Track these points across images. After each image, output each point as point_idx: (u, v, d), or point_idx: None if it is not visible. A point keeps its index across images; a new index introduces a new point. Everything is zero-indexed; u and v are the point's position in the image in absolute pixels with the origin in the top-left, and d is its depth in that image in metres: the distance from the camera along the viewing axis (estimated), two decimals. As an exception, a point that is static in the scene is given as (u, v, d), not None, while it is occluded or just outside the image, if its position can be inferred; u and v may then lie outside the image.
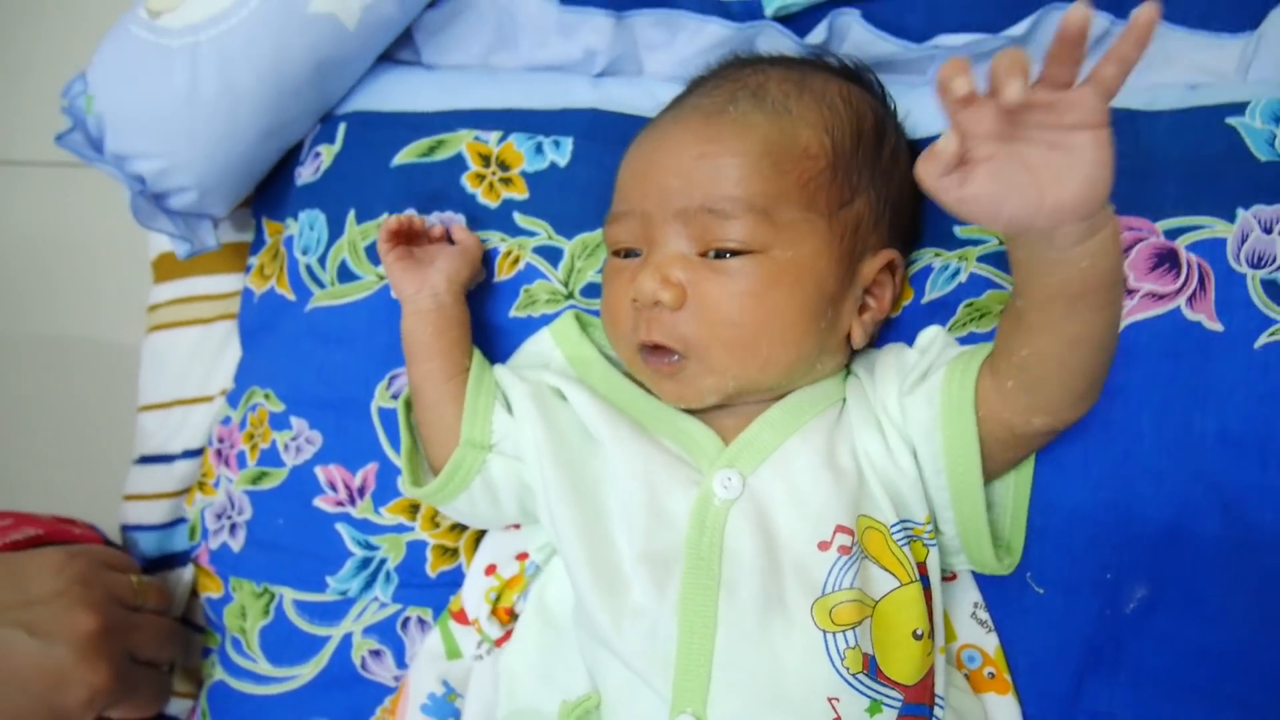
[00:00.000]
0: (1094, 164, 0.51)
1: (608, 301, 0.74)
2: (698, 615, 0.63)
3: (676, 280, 0.67)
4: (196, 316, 0.99)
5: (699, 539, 0.65)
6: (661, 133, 0.72)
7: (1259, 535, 0.66)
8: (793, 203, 0.68)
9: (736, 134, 0.69)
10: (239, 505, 0.88)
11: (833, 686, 0.61)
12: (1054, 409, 0.63)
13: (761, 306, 0.67)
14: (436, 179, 0.87)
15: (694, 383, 0.69)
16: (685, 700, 0.62)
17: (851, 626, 0.62)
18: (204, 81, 0.83)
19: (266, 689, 0.84)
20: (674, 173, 0.69)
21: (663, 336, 0.68)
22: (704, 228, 0.67)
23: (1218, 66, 0.80)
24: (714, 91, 0.73)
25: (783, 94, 0.71)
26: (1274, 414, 0.67)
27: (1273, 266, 0.69)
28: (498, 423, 0.75)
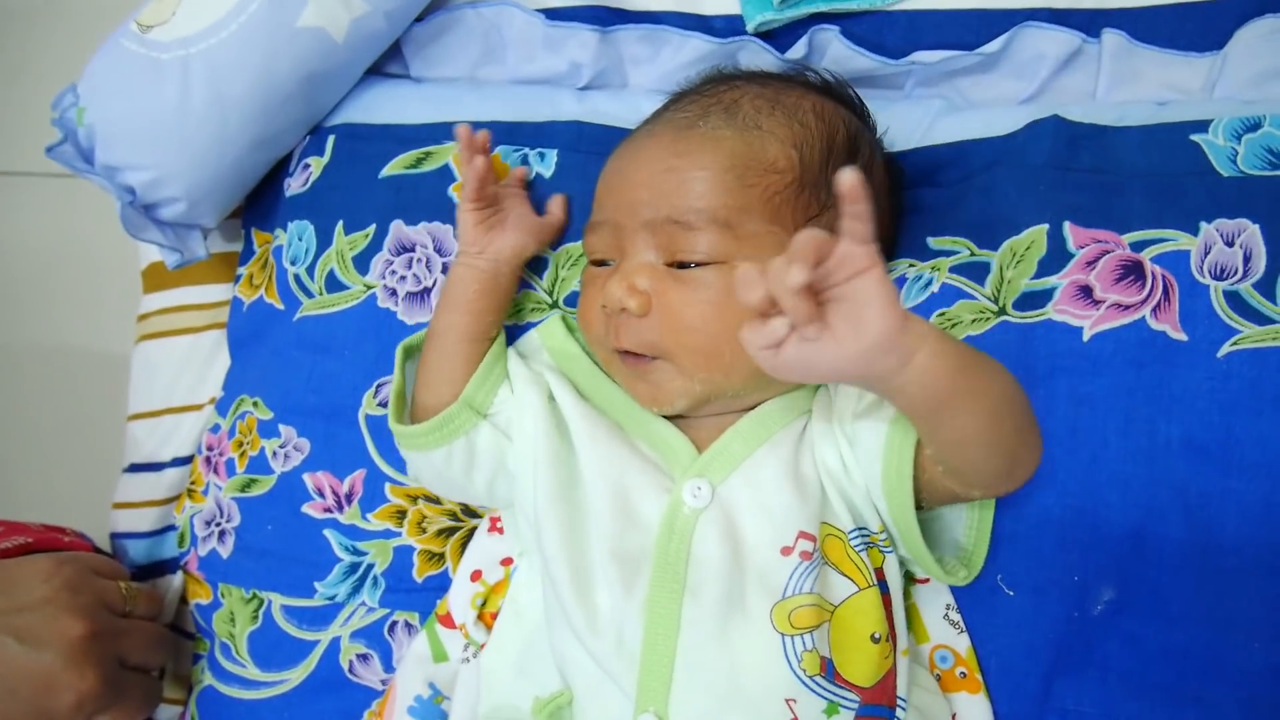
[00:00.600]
0: (876, 302, 0.52)
1: (582, 307, 0.76)
2: (662, 617, 0.65)
3: (642, 289, 0.69)
4: (186, 326, 1.00)
5: (667, 544, 0.67)
6: (635, 146, 0.74)
7: (1221, 539, 0.68)
8: (756, 215, 0.69)
9: (704, 148, 0.70)
10: (228, 512, 0.89)
11: (790, 688, 0.63)
12: (986, 485, 0.64)
13: (722, 315, 0.68)
14: (424, 190, 0.88)
15: (664, 385, 0.71)
16: (649, 699, 0.64)
17: (809, 630, 0.64)
18: (194, 94, 0.84)
19: (255, 693, 0.85)
20: (643, 185, 0.71)
21: (630, 342, 0.71)
22: (670, 238, 0.69)
23: (1185, 84, 0.83)
24: (689, 106, 0.75)
25: (754, 109, 0.73)
26: (1236, 421, 0.69)
27: (1235, 278, 0.70)
28: (500, 398, 0.77)
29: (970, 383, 0.57)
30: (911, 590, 0.74)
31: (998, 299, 0.75)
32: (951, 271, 0.77)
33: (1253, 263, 0.70)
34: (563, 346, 0.80)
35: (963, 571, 0.71)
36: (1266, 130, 0.73)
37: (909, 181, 0.82)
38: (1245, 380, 0.69)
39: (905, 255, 0.81)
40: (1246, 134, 0.74)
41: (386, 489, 0.84)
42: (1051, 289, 0.73)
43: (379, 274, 0.87)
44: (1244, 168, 0.73)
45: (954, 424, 0.59)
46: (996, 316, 0.74)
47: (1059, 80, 0.85)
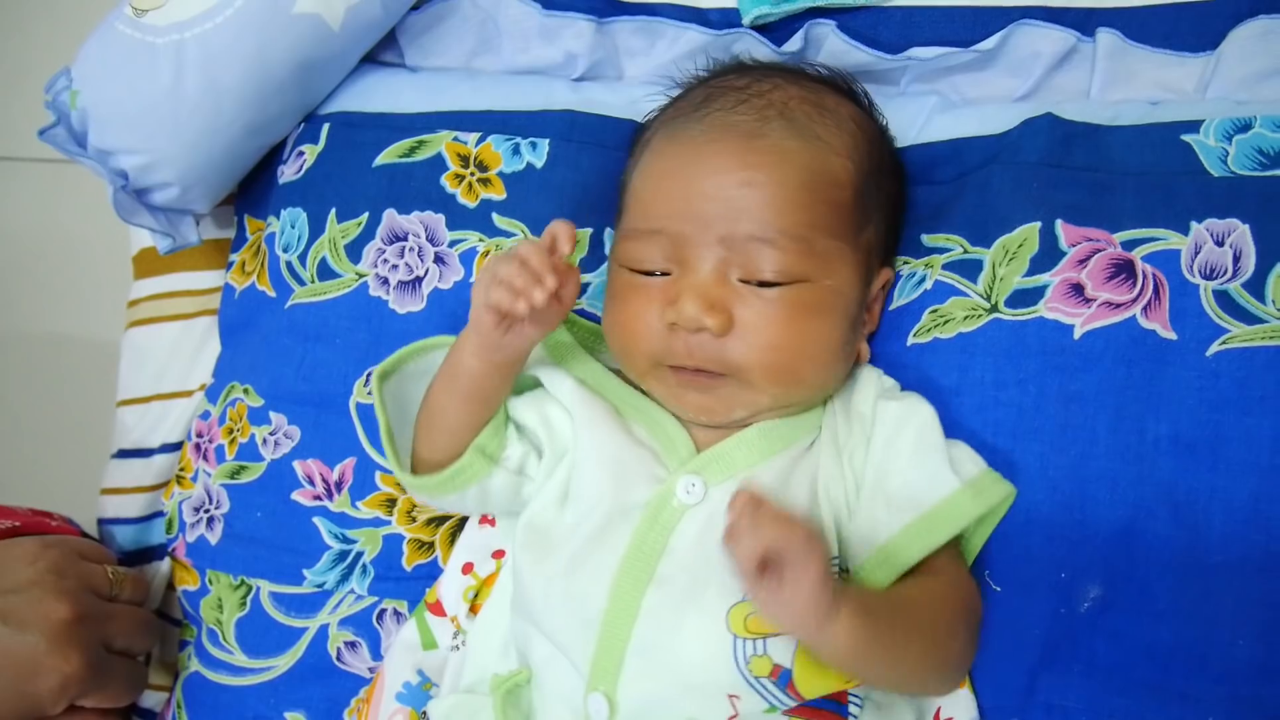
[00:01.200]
0: (799, 601, 0.57)
1: (623, 317, 0.72)
2: (624, 603, 0.66)
3: (722, 306, 0.68)
4: (177, 312, 1.00)
5: (647, 533, 0.68)
6: (694, 151, 0.71)
7: (1208, 536, 0.68)
8: (825, 231, 0.70)
9: (777, 162, 0.69)
10: (217, 499, 0.89)
11: (733, 685, 0.64)
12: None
13: (804, 333, 0.69)
14: (417, 179, 0.88)
15: (728, 400, 0.70)
16: (599, 680, 0.66)
17: (764, 636, 0.64)
18: (188, 78, 0.84)
19: (242, 680, 0.85)
20: (716, 198, 0.69)
21: (706, 362, 0.69)
22: (749, 255, 0.68)
23: (1178, 84, 0.83)
24: (740, 107, 0.72)
25: (807, 117, 0.72)
26: (1224, 419, 0.69)
27: (1224, 278, 0.71)
28: (511, 438, 0.76)
29: (886, 653, 0.61)
30: None
31: (990, 296, 0.75)
32: (944, 269, 0.77)
33: (1242, 262, 0.70)
34: (557, 339, 0.80)
35: None
36: (1257, 131, 0.74)
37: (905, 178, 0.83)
38: (1234, 379, 0.69)
39: (900, 253, 0.81)
40: (1237, 135, 0.74)
41: (376, 477, 0.85)
42: (1043, 286, 0.74)
43: (371, 263, 0.87)
44: (1234, 168, 0.73)
45: (867, 676, 0.65)
46: (989, 314, 0.75)
47: (1054, 78, 0.85)
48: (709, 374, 0.70)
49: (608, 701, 0.65)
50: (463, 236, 0.86)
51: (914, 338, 0.77)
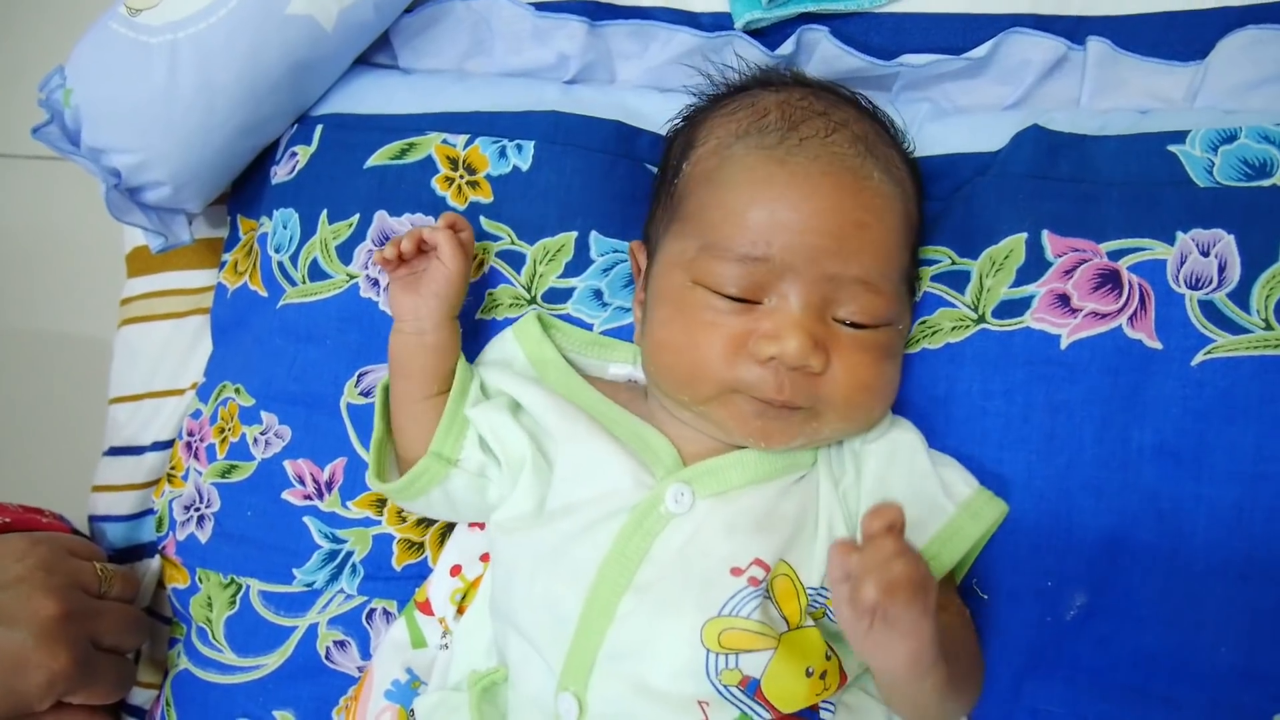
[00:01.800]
0: (906, 646, 0.57)
1: (701, 341, 0.69)
2: (601, 606, 0.67)
3: (824, 346, 0.67)
4: (169, 311, 1.00)
5: (630, 537, 0.68)
6: (805, 180, 0.68)
7: (1192, 543, 0.69)
8: (905, 276, 0.73)
9: (886, 206, 0.70)
10: (207, 497, 0.89)
11: (704, 694, 0.64)
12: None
13: (884, 375, 0.71)
14: (408, 181, 0.88)
15: (797, 428, 0.69)
16: (570, 680, 0.66)
17: (737, 652, 0.64)
18: (182, 77, 0.84)
19: (231, 678, 0.85)
20: (829, 234, 0.67)
21: (797, 398, 0.68)
22: (852, 296, 0.68)
23: (1167, 92, 0.83)
24: (835, 138, 0.70)
25: (886, 159, 0.72)
26: (1209, 428, 0.69)
27: (1210, 288, 0.71)
28: (469, 441, 0.77)
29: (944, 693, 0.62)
30: None
31: (977, 307, 0.75)
32: (933, 280, 0.78)
33: (1227, 272, 0.71)
34: (538, 352, 0.80)
35: None
36: (1242, 142, 0.74)
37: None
38: (1218, 389, 0.69)
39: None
40: (1223, 145, 0.74)
41: (367, 477, 0.84)
42: (1030, 297, 0.74)
43: (361, 264, 0.87)
44: (1220, 179, 0.73)
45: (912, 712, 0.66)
46: (976, 324, 0.75)
47: (1044, 86, 0.86)
48: (786, 406, 0.68)
49: (577, 702, 0.66)
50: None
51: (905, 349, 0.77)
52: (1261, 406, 0.69)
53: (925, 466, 0.71)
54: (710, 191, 0.71)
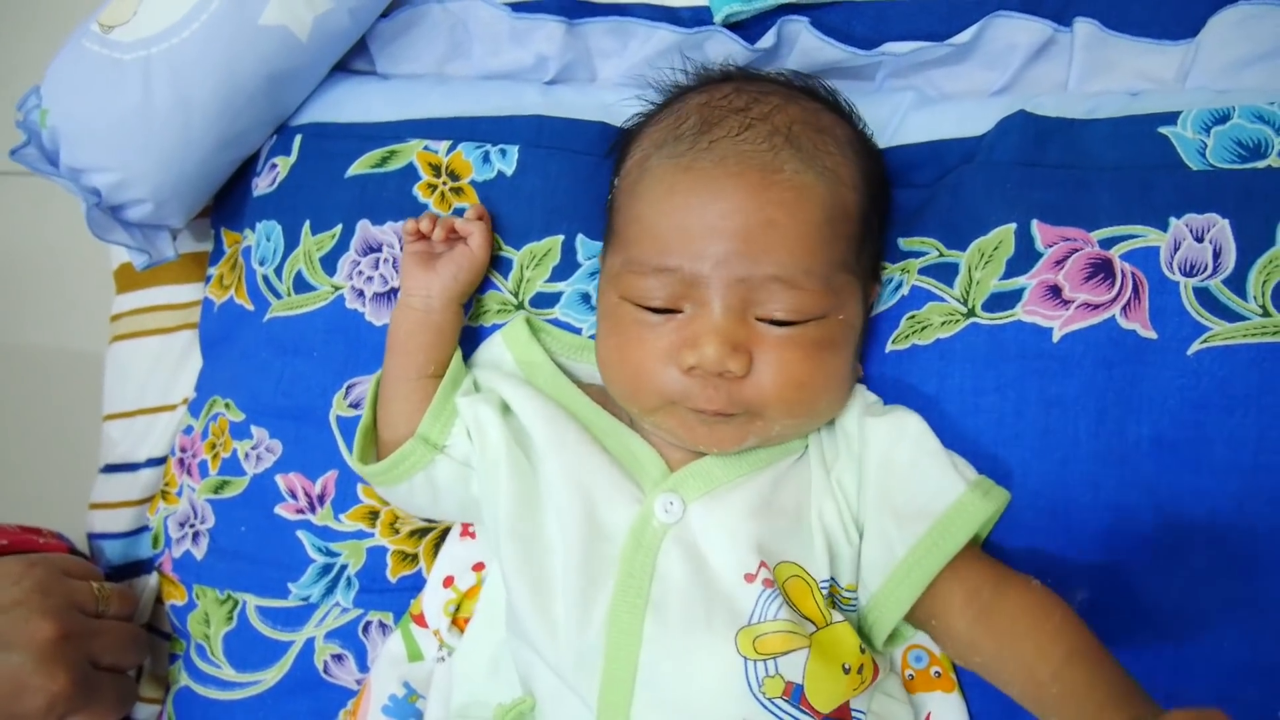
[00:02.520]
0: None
1: (633, 357, 0.70)
2: (625, 632, 0.65)
3: (744, 348, 0.66)
4: (158, 326, 0.99)
5: (634, 557, 0.67)
6: (710, 185, 0.68)
7: (1191, 537, 0.68)
8: (841, 267, 0.69)
9: (800, 199, 0.67)
10: (201, 514, 0.89)
11: (748, 710, 0.63)
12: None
13: (822, 369, 0.68)
14: (390, 189, 0.87)
15: (738, 431, 0.69)
16: (609, 712, 0.65)
17: (774, 656, 0.63)
18: (157, 94, 0.83)
19: (231, 694, 0.85)
20: (738, 237, 0.66)
21: (727, 405, 0.67)
22: (770, 295, 0.66)
23: (1158, 73, 0.81)
24: (748, 134, 0.69)
25: (813, 145, 0.70)
26: (1206, 419, 0.68)
27: (1205, 274, 0.70)
28: (457, 430, 0.76)
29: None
30: None
31: (967, 300, 0.74)
32: (920, 273, 0.76)
33: (1223, 258, 0.70)
34: (527, 355, 0.79)
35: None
36: (1236, 122, 0.72)
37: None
38: (1215, 378, 0.68)
39: (877, 257, 0.80)
40: (1216, 126, 0.73)
41: (359, 490, 0.84)
42: (1020, 289, 0.73)
43: (346, 274, 0.86)
44: (1213, 161, 0.72)
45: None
46: (966, 318, 0.74)
47: (1031, 70, 0.84)
48: (721, 413, 0.68)
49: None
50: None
51: (893, 345, 0.76)
52: (1261, 396, 0.68)
53: (933, 446, 0.70)
54: (630, 205, 0.72)
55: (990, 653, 0.63)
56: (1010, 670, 0.62)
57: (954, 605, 0.65)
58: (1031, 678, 0.60)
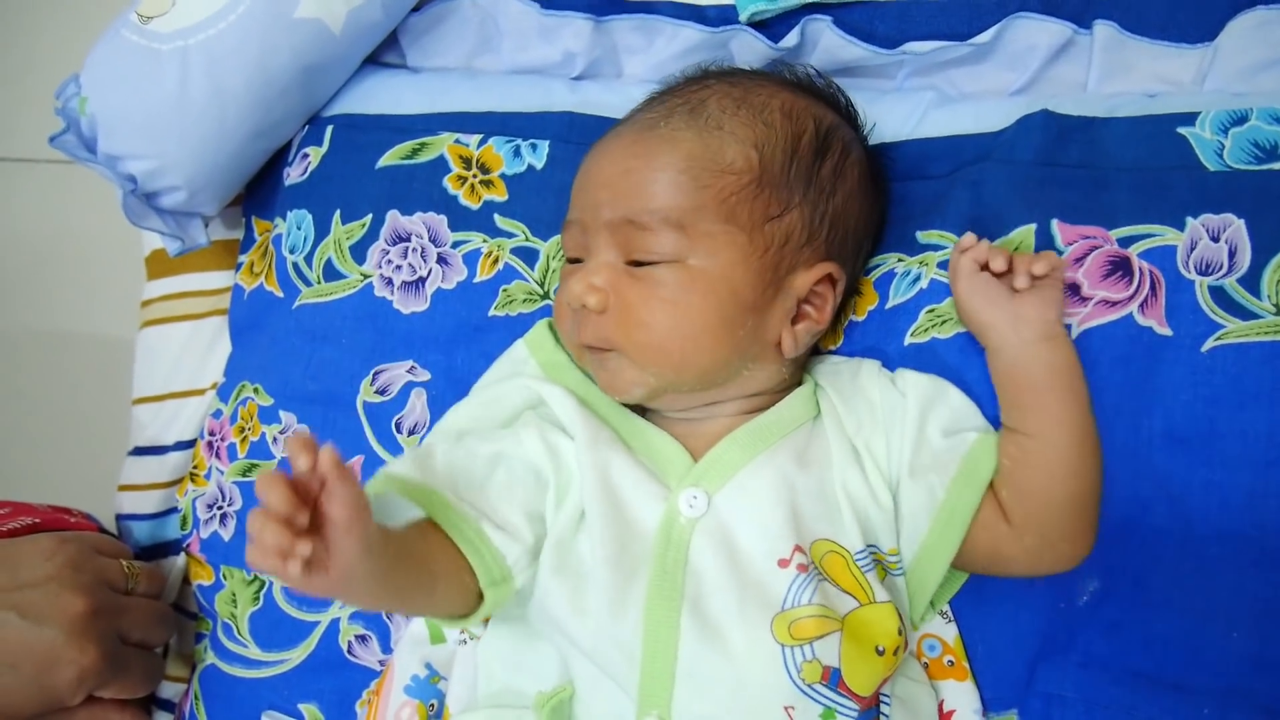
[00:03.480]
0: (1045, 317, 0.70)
1: (556, 303, 0.78)
2: (661, 625, 0.66)
3: (599, 286, 0.71)
4: (188, 312, 1.01)
5: (665, 553, 0.68)
6: (602, 146, 0.76)
7: (1203, 529, 0.69)
8: (710, 215, 0.70)
9: (661, 149, 0.71)
10: (229, 496, 0.90)
11: (789, 696, 0.64)
12: (1040, 527, 0.68)
13: (674, 311, 0.70)
14: (420, 181, 0.89)
15: (620, 374, 0.72)
16: (651, 703, 0.65)
17: (810, 640, 0.64)
18: (194, 84, 0.85)
19: (256, 672, 0.87)
20: (604, 185, 0.73)
21: (590, 338, 0.72)
22: (627, 238, 0.71)
23: (1176, 76, 0.82)
24: (657, 106, 0.75)
25: (720, 109, 0.73)
26: (1219, 414, 0.69)
27: (1220, 273, 0.71)
28: (504, 547, 0.68)
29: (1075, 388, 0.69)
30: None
31: (987, 296, 0.75)
32: (939, 267, 0.77)
33: (1238, 258, 0.71)
34: (551, 358, 0.80)
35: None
36: (1253, 124, 0.73)
37: (899, 174, 0.82)
38: (1228, 375, 0.69)
39: (894, 249, 0.81)
40: (1234, 127, 0.74)
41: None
42: (1040, 286, 0.74)
43: (375, 263, 0.88)
44: (1230, 162, 0.73)
45: (1049, 412, 0.68)
46: (986, 314, 0.75)
47: (1051, 71, 0.85)
48: (596, 349, 0.73)
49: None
50: (466, 237, 0.87)
51: (911, 337, 0.77)
52: (1273, 392, 0.68)
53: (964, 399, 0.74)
54: None
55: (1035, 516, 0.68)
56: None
57: (990, 519, 0.69)
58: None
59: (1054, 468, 0.67)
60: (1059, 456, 0.67)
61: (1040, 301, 0.70)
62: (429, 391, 0.86)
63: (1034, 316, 0.69)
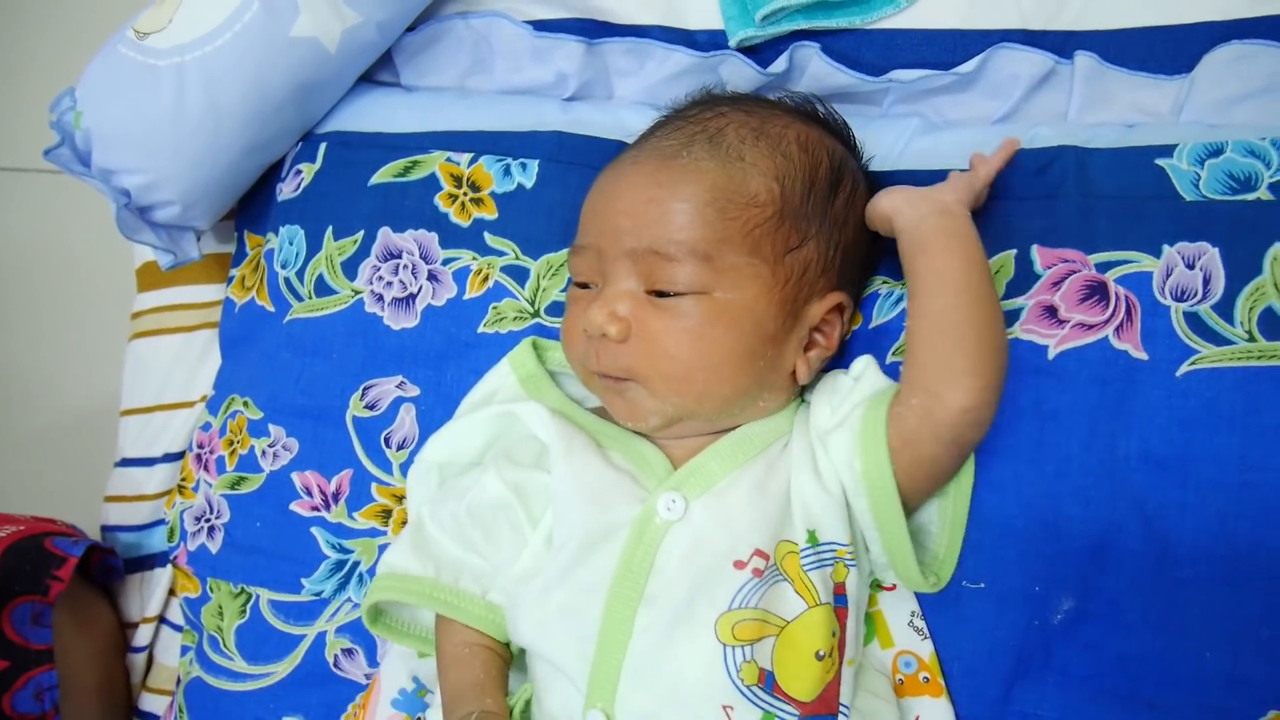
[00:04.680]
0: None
1: (566, 327, 0.77)
2: (617, 623, 0.67)
3: (622, 315, 0.71)
4: (179, 325, 1.01)
5: (633, 553, 0.69)
6: (620, 172, 0.75)
7: (1177, 550, 0.70)
8: (735, 248, 0.71)
9: (686, 179, 0.71)
10: (217, 509, 0.90)
11: (727, 695, 0.65)
12: (951, 386, 0.68)
13: (699, 343, 0.70)
14: (411, 199, 0.89)
15: (638, 404, 0.73)
16: (597, 696, 0.67)
17: (750, 642, 0.65)
18: (189, 99, 0.86)
19: (242, 685, 0.87)
20: (625, 213, 0.72)
21: (608, 366, 0.72)
22: (650, 268, 0.71)
23: (1154, 106, 0.84)
24: (674, 134, 0.75)
25: (739, 139, 0.73)
26: (1193, 437, 0.70)
27: (1194, 300, 0.72)
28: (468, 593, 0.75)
29: (960, 250, 0.70)
30: (877, 597, 0.76)
31: (966, 317, 0.76)
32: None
33: (1212, 285, 0.72)
34: (532, 373, 0.82)
35: (932, 578, 0.73)
36: (1229, 156, 0.75)
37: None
38: (1203, 399, 0.70)
39: (881, 273, 0.82)
40: (1209, 159, 0.75)
41: (372, 489, 0.86)
42: (1019, 309, 0.75)
43: (366, 279, 0.89)
44: (1206, 192, 0.74)
45: (933, 270, 0.70)
46: (965, 335, 0.76)
47: (1032, 100, 0.87)
48: (614, 379, 0.73)
49: (605, 718, 0.66)
50: (456, 255, 0.88)
51: (893, 356, 0.78)
52: (1246, 417, 0.70)
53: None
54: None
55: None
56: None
57: (899, 407, 0.69)
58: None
59: (933, 321, 0.69)
60: (937, 309, 0.69)
61: (946, 186, 0.74)
62: (418, 406, 0.86)
63: (933, 195, 0.73)
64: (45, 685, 0.87)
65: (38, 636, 0.87)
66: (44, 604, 0.87)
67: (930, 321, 0.69)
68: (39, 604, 0.87)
